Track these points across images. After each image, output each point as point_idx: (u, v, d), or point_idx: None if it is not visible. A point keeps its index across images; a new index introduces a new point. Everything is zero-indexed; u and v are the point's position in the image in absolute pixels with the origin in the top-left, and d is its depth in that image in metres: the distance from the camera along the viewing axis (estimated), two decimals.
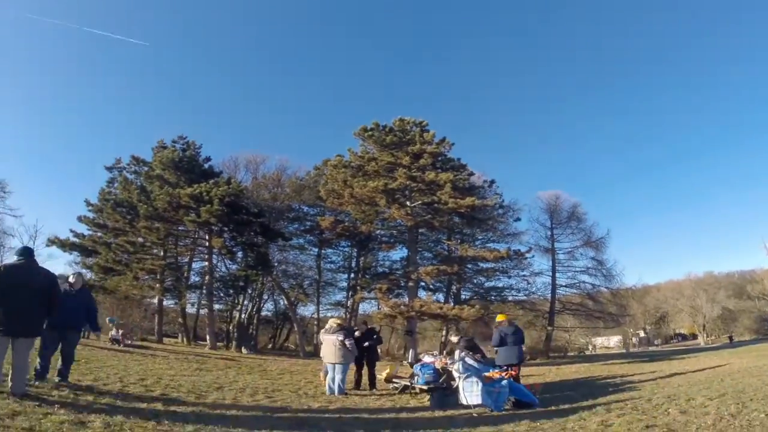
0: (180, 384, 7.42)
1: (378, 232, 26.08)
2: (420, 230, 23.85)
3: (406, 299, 22.08)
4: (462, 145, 73.55)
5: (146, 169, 26.95)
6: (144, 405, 5.18)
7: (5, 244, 34.98)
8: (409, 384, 8.28)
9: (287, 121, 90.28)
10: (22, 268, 4.77)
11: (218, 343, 23.71)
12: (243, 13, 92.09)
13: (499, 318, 8.99)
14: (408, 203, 21.69)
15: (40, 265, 5.24)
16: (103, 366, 9.05)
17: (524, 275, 27.17)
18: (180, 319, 26.20)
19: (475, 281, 27.17)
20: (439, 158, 22.59)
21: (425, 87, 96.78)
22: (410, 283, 22.41)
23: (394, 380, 8.61)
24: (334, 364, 7.62)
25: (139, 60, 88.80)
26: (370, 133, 22.68)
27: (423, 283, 24.11)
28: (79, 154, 75.99)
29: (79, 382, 6.29)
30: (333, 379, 7.64)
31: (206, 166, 26.18)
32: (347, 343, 7.71)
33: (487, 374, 7.37)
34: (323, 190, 23.09)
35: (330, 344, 7.75)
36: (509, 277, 26.90)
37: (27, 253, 4.98)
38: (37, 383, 5.36)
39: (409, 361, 14.02)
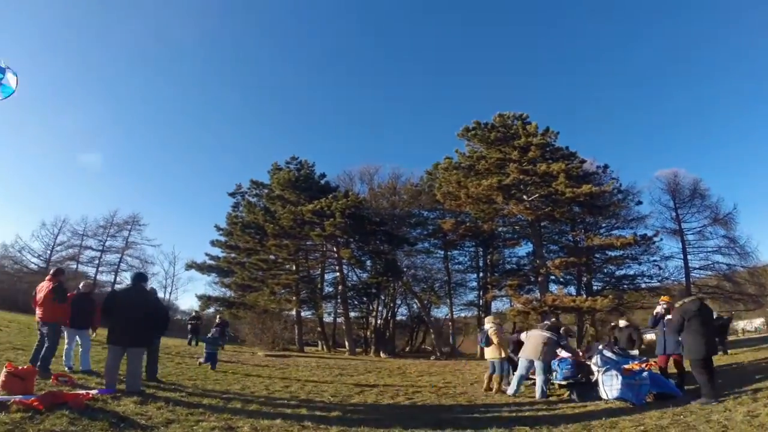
0: (323, 389, 8.88)
1: (500, 229, 30.11)
2: (542, 223, 27.16)
3: (537, 294, 25.63)
4: (565, 132, 75.01)
5: (266, 191, 33.79)
6: (289, 410, 6.34)
7: (148, 271, 46.22)
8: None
9: (387, 127, 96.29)
10: (131, 291, 6.84)
11: (357, 349, 28.74)
12: (338, 25, 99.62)
13: (663, 299, 9.70)
14: (525, 197, 25.16)
15: (152, 288, 8.45)
16: (249, 375, 11.28)
17: (654, 260, 28.70)
18: (318, 328, 32.20)
19: (605, 270, 29.41)
20: (547, 149, 25.73)
21: (509, 71, 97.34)
22: (540, 278, 25.80)
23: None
24: (531, 360, 8.54)
25: (250, 84, 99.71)
26: (473, 132, 26.86)
27: (553, 277, 27.32)
28: (202, 182, 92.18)
29: (227, 390, 8.08)
30: (520, 378, 8.70)
31: (322, 182, 32.16)
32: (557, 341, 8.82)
33: (626, 366, 8.09)
34: (439, 193, 27.40)
35: (537, 341, 8.66)
36: (639, 264, 28.64)
37: (137, 278, 7.03)
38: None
39: None
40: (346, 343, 28.47)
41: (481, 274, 34.16)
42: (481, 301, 32.94)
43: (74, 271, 50.50)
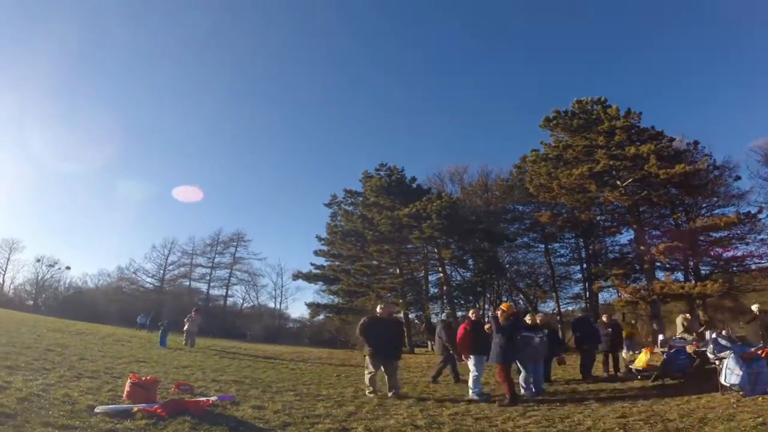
0: (434, 389, 11.19)
1: (598, 218, 33.20)
2: (640, 209, 29.89)
3: (644, 282, 27.93)
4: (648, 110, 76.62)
5: (360, 199, 39.78)
6: (402, 411, 8.02)
7: (258, 284, 59.85)
8: (661, 372, 10.38)
9: (468, 125, 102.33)
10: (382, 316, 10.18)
11: None
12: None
13: None
14: (619, 183, 27.93)
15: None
16: (362, 378, 12.65)
17: (763, 239, 29.25)
18: (427, 329, 36.34)
19: (711, 253, 30.09)
20: (633, 131, 28.23)
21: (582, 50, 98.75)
22: (645, 265, 28.41)
23: (648, 366, 10.40)
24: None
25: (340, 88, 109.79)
26: (554, 121, 30.24)
27: (658, 263, 29.30)
28: (299, 194, 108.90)
29: (342, 393, 10.18)
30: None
31: (414, 185, 37.42)
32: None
33: (745, 353, 8.39)
34: (531, 186, 31.18)
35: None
36: (747, 244, 29.26)
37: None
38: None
39: (659, 347, 15.56)
40: None
41: (584, 266, 37.24)
42: (587, 293, 36.32)
43: (187, 288, 61.07)
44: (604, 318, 14.66)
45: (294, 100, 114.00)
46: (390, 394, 9.49)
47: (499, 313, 9.77)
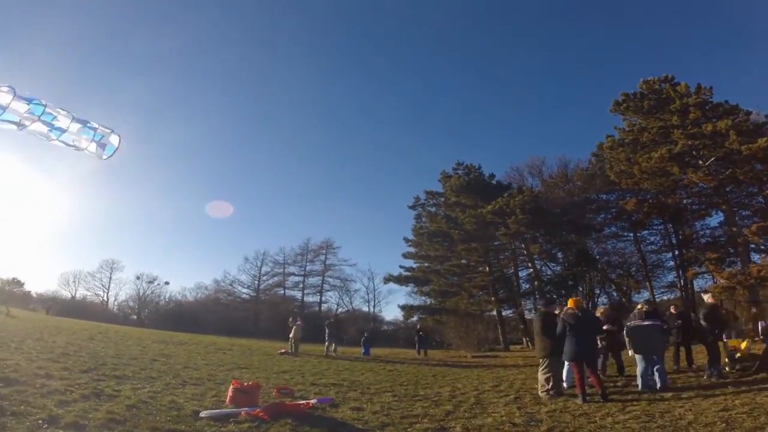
0: (532, 387, 11.52)
1: (685, 201, 34.64)
2: (727, 188, 30.84)
3: (739, 266, 28.88)
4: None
5: (442, 199, 43.82)
6: (500, 409, 8.79)
7: (350, 289, 68.75)
8: (764, 361, 10.67)
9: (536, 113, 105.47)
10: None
11: None
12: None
13: None
14: (701, 163, 29.21)
15: None
16: (458, 377, 14.48)
17: None
18: (521, 326, 40.05)
19: None
20: (706, 107, 29.18)
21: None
22: (739, 248, 29.38)
23: (750, 355, 10.57)
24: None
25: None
26: (624, 105, 31.88)
27: (752, 245, 29.91)
28: (383, 198, 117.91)
29: (439, 393, 10.75)
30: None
31: (493, 182, 41.09)
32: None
33: None
34: (612, 173, 32.98)
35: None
36: None
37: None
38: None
39: (760, 335, 15.54)
40: None
41: (676, 252, 38.72)
42: (681, 281, 37.73)
43: (282, 296, 67.75)
44: (672, 309, 15.15)
45: (372, 107, 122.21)
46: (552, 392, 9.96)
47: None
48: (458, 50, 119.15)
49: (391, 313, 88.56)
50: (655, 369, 10.24)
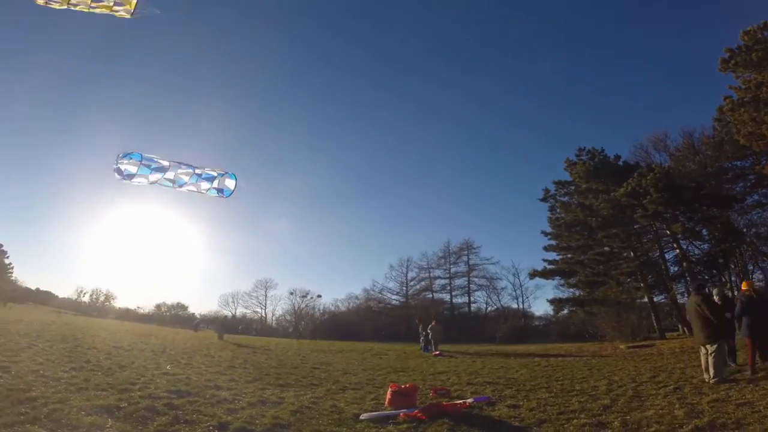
0: (692, 376, 11.56)
1: None
2: None
3: None
4: None
5: (572, 188, 42.27)
6: (660, 399, 8.90)
7: (497, 287, 69.24)
8: None
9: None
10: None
11: None
12: None
13: None
14: None
15: None
16: (615, 370, 14.43)
17: None
18: (675, 311, 37.49)
19: None
20: None
21: None
22: None
23: None
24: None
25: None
26: (732, 61, 28.27)
27: None
28: (513, 194, 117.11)
29: (595, 387, 10.96)
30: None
31: (620, 163, 38.86)
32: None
33: None
34: (741, 137, 29.52)
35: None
36: None
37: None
38: None
39: None
40: None
41: None
42: None
43: (431, 300, 70.12)
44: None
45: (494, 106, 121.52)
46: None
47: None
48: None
49: (540, 308, 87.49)
50: None
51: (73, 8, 9.95)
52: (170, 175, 9.60)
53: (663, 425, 7.01)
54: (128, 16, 10.34)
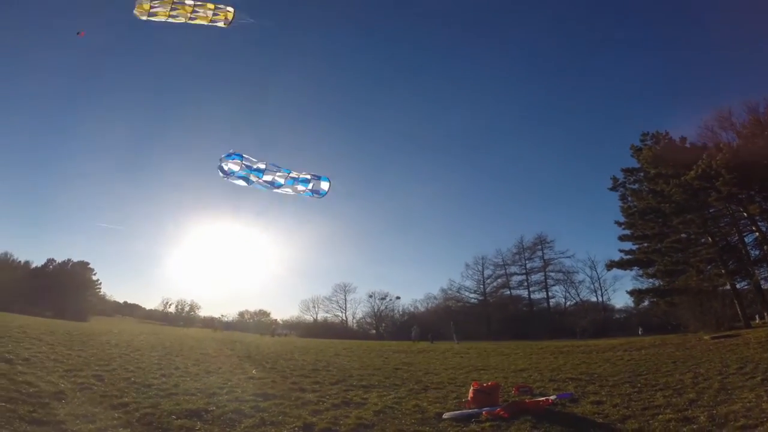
0: None
1: None
2: None
3: None
4: None
5: (641, 174, 40.55)
6: (748, 392, 8.80)
7: (574, 280, 67.98)
8: None
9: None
10: None
11: None
12: None
13: None
14: None
15: None
16: (700, 362, 14.36)
17: None
18: (759, 298, 35.39)
19: None
20: None
21: None
22: None
23: None
24: None
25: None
26: None
27: None
28: (585, 184, 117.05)
29: (680, 380, 10.86)
30: None
31: (687, 145, 36.92)
32: None
33: None
34: None
35: None
36: None
37: None
38: None
39: None
40: None
41: None
42: None
43: (509, 296, 69.53)
44: None
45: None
46: None
47: None
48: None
49: (621, 300, 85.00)
50: None
51: (173, 21, 11.47)
52: (268, 177, 10.69)
53: (750, 419, 6.84)
54: (225, 26, 12.37)
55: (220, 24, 12.16)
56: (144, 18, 11.34)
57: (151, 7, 11.53)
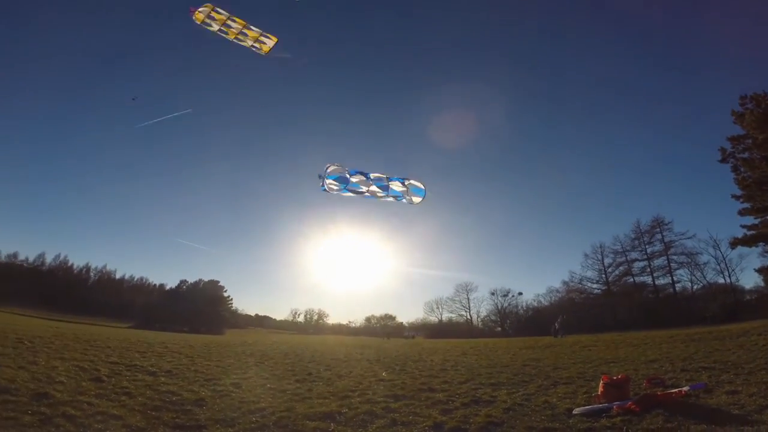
0: None
1: None
2: None
3: None
4: None
5: (749, 141, 37.49)
6: None
7: (698, 262, 64.29)
8: None
9: None
10: None
11: None
12: None
13: None
14: None
15: None
16: None
17: None
18: None
19: None
20: None
21: None
22: None
23: None
24: None
25: None
26: None
27: None
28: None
29: None
30: None
31: None
32: None
33: None
34: None
35: None
36: None
37: None
38: None
39: None
40: None
41: None
42: None
43: (632, 284, 68.69)
44: None
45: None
46: None
47: None
48: None
49: (751, 279, 78.48)
50: None
51: (223, 35, 13.69)
52: (370, 187, 11.33)
53: None
54: (263, 54, 14.04)
55: (259, 52, 13.98)
56: (199, 23, 13.52)
57: (204, 21, 13.47)
